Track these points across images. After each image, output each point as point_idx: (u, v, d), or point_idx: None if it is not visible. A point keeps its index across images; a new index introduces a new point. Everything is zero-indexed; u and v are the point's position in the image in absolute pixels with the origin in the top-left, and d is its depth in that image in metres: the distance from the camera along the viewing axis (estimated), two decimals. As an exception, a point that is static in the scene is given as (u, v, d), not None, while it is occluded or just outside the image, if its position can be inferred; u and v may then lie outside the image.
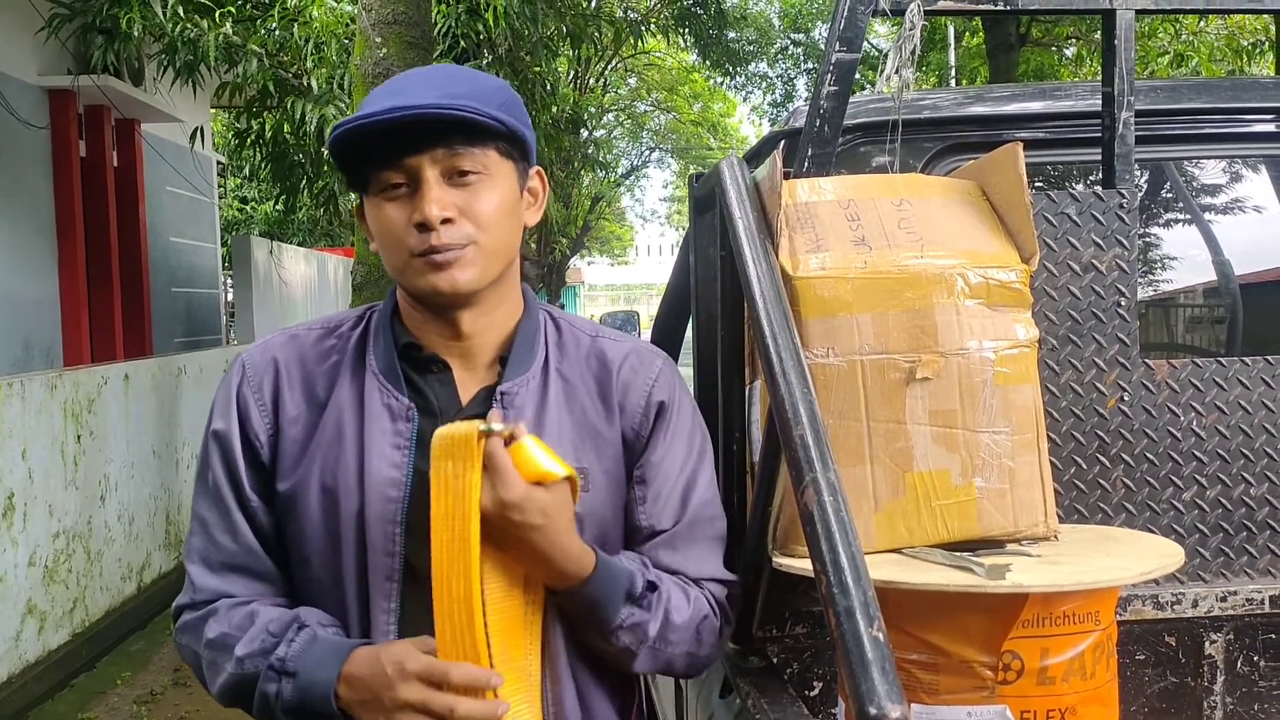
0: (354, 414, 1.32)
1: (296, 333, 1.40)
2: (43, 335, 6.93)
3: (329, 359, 1.37)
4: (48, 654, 5.07)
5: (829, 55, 1.59)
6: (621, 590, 1.29)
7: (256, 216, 17.58)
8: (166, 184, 8.93)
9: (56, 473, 5.23)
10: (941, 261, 1.43)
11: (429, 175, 1.26)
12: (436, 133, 1.25)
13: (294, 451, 1.33)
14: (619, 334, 1.45)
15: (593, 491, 1.33)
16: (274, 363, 1.36)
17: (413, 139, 1.25)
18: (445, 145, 1.26)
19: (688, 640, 1.35)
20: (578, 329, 1.43)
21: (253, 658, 1.26)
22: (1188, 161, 2.24)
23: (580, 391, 1.37)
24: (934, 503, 1.41)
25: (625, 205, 36.29)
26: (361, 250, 4.49)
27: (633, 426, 1.37)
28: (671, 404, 1.39)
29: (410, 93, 1.26)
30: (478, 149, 1.28)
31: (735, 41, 18.94)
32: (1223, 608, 1.70)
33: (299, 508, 1.31)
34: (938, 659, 1.33)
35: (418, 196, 1.26)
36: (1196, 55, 9.70)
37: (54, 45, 6.85)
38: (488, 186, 1.29)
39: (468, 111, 1.24)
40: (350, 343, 1.38)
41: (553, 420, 1.34)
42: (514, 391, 1.33)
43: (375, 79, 4.38)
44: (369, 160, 1.28)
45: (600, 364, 1.39)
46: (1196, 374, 1.70)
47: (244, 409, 1.35)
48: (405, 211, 1.27)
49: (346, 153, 1.29)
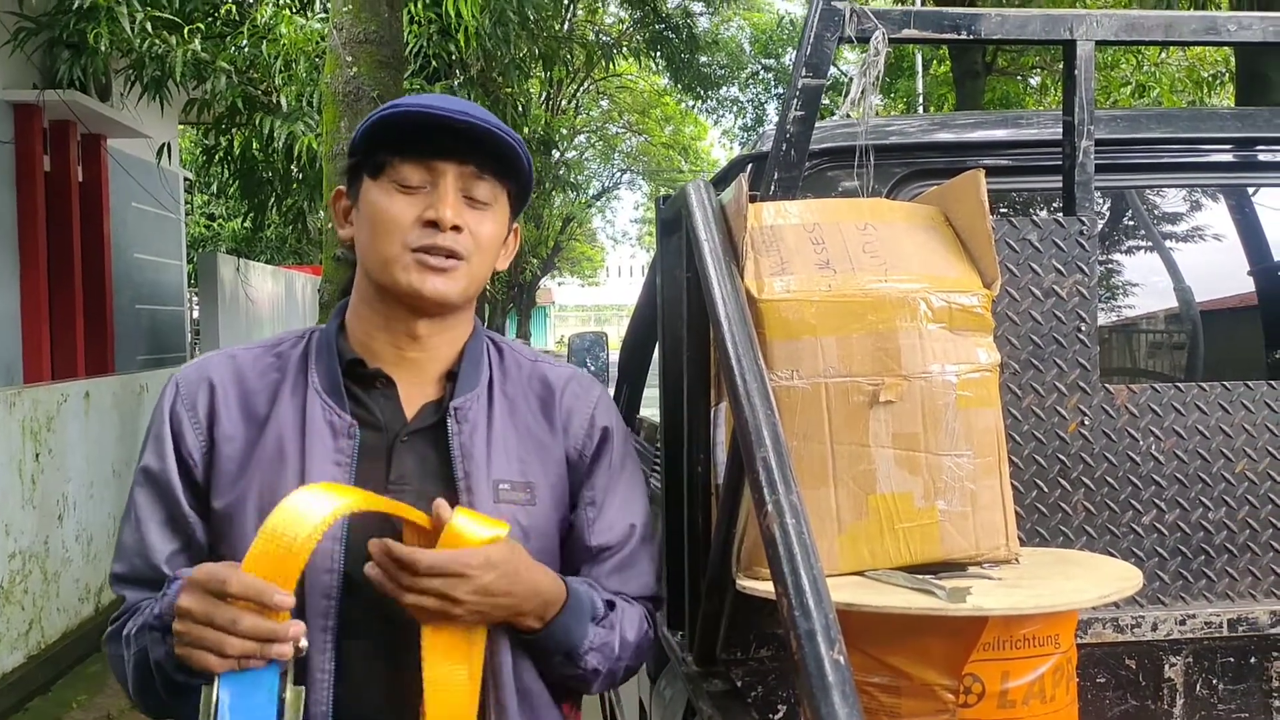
0: (295, 431, 1.31)
1: (234, 352, 1.40)
2: (2, 351, 6.83)
3: (268, 376, 1.37)
4: (2, 676, 4.97)
5: (795, 80, 1.60)
6: (587, 612, 1.33)
7: (224, 234, 17.45)
8: (132, 200, 8.84)
9: (14, 491, 5.14)
10: (905, 285, 1.44)
11: (451, 183, 1.31)
12: (473, 149, 1.31)
13: (230, 469, 1.32)
14: (557, 360, 1.52)
15: (539, 506, 1.37)
16: (208, 381, 1.36)
17: (452, 146, 1.30)
18: (475, 164, 1.32)
19: (633, 656, 1.40)
20: (518, 353, 1.48)
21: (140, 632, 1.26)
22: (1149, 190, 2.28)
23: (523, 410, 1.41)
24: (896, 525, 1.42)
25: (596, 226, 36.46)
26: (329, 268, 4.46)
27: (576, 448, 1.42)
28: (613, 430, 1.45)
29: (464, 108, 1.31)
30: (497, 183, 1.34)
31: (707, 66, 19.08)
32: (1182, 631, 1.72)
33: (234, 526, 1.29)
34: (899, 682, 1.33)
35: (434, 197, 1.30)
36: (1158, 86, 9.89)
37: (19, 59, 6.78)
38: (490, 218, 1.35)
39: (517, 146, 1.32)
40: (291, 360, 1.38)
41: (499, 434, 1.36)
42: (466, 406, 1.35)
43: (345, 97, 4.37)
44: (397, 150, 1.30)
45: (543, 386, 1.44)
46: (1155, 399, 1.72)
47: (177, 428, 1.34)
48: (415, 208, 1.30)
49: (380, 136, 1.31)
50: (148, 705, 1.31)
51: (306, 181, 7.35)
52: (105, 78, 7.64)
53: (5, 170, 6.92)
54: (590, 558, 1.41)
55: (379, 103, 4.31)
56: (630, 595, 1.42)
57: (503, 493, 1.33)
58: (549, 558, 1.36)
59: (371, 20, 4.39)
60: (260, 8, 6.98)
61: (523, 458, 1.37)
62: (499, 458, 1.34)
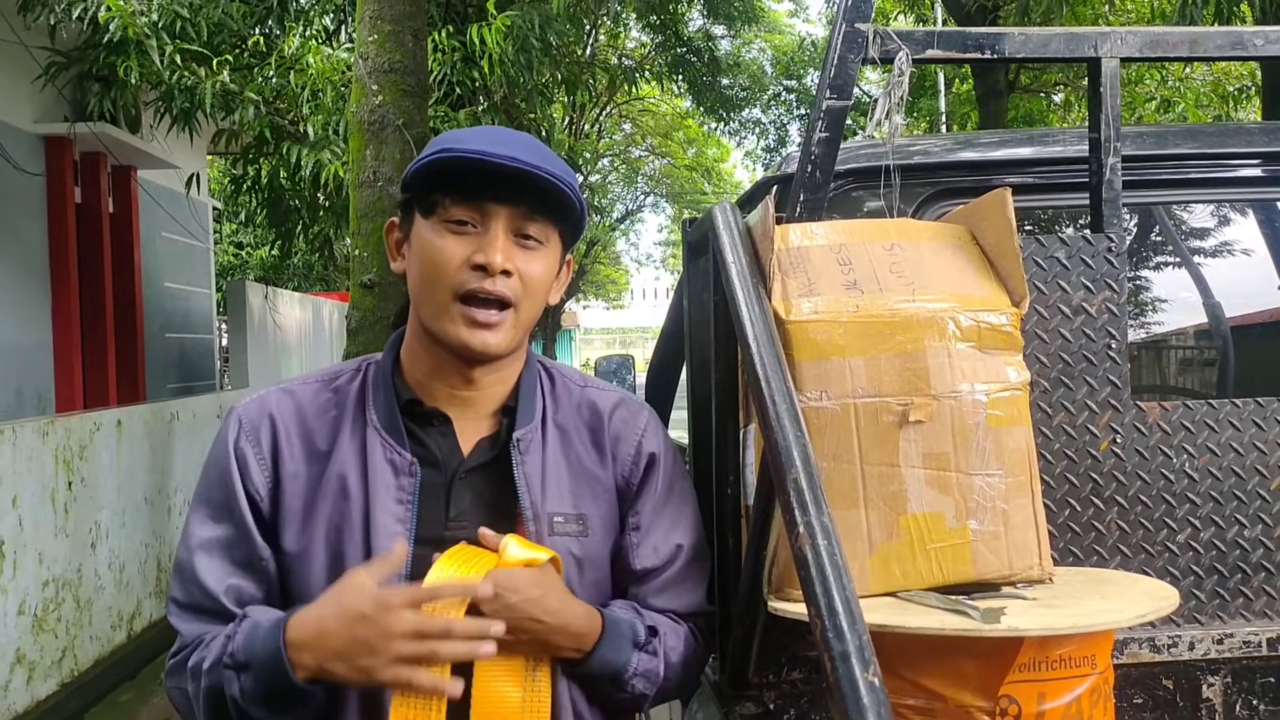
0: (357, 470, 1.32)
1: (291, 387, 1.41)
2: (36, 381, 6.92)
3: (328, 412, 1.37)
4: (36, 704, 5.00)
5: (820, 102, 1.61)
6: (628, 640, 1.34)
7: (252, 262, 17.62)
8: (162, 229, 8.96)
9: (47, 520, 5.19)
10: (933, 305, 1.44)
11: (502, 225, 1.30)
12: (526, 191, 1.29)
13: (296, 507, 1.33)
14: (605, 384, 1.52)
15: (591, 536, 1.38)
16: (270, 417, 1.37)
17: (505, 188, 1.29)
18: (528, 206, 1.31)
19: (681, 673, 1.42)
20: (568, 379, 1.48)
21: (213, 668, 1.25)
22: (1177, 206, 2.26)
23: (574, 440, 1.42)
24: (928, 545, 1.41)
25: (620, 249, 36.51)
26: (356, 295, 4.50)
27: (623, 474, 1.43)
28: (660, 454, 1.46)
29: (516, 146, 1.29)
30: (549, 223, 1.34)
31: (729, 88, 19.14)
32: (1219, 650, 1.70)
33: (304, 566, 1.31)
34: (934, 704, 1.32)
35: (484, 240, 1.29)
36: (1183, 101, 9.83)
37: (50, 93, 6.90)
38: (542, 257, 1.34)
39: (570, 190, 1.31)
40: (349, 396, 1.39)
41: (553, 467, 1.37)
42: (527, 439, 1.37)
43: (371, 126, 4.42)
44: (448, 189, 1.30)
45: (592, 413, 1.44)
46: (1188, 416, 1.71)
47: (243, 463, 1.34)
48: (465, 249, 1.29)
49: (432, 175, 1.30)
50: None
51: (333, 209, 7.42)
52: (135, 110, 7.77)
53: (37, 202, 7.04)
54: (636, 580, 1.42)
55: (404, 131, 4.35)
56: (679, 613, 1.44)
57: (557, 525, 1.34)
58: (603, 586, 1.39)
59: (396, 50, 4.44)
60: (287, 39, 7.07)
61: (575, 490, 1.38)
62: (553, 491, 1.36)
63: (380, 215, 4.34)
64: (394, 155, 4.38)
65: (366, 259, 4.41)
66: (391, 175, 4.36)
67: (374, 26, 4.45)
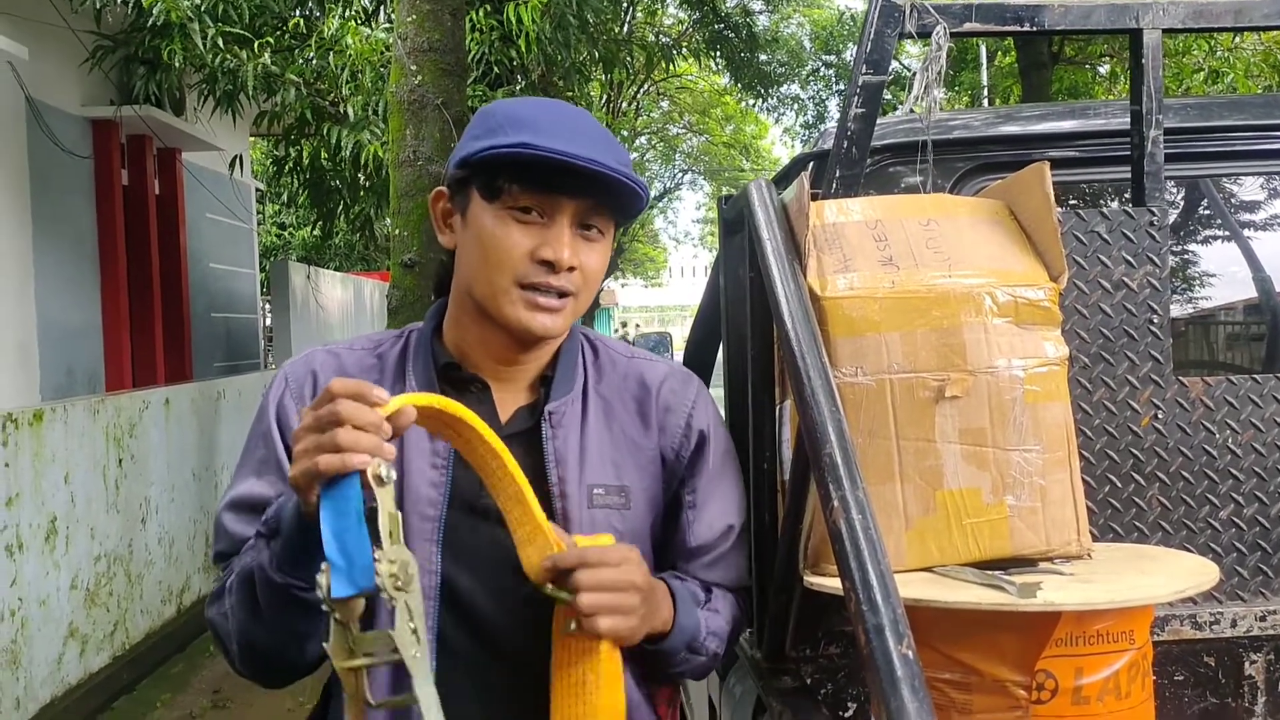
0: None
1: (336, 350, 1.43)
2: (86, 361, 7.06)
3: (369, 376, 1.39)
4: (89, 676, 5.14)
5: (856, 77, 1.60)
6: (693, 602, 1.36)
7: (294, 242, 17.81)
8: (206, 211, 9.08)
9: (98, 496, 5.31)
10: (969, 280, 1.44)
11: (569, 219, 1.29)
12: (592, 186, 1.28)
13: None
14: (653, 355, 1.50)
15: (633, 509, 1.38)
16: (313, 375, 1.39)
17: (573, 180, 1.27)
18: (594, 199, 1.30)
19: (732, 639, 1.45)
20: (614, 350, 1.48)
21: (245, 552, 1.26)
22: (1225, 178, 2.23)
23: (619, 410, 1.41)
24: (965, 521, 1.41)
25: (658, 227, 36.43)
26: (397, 274, 4.54)
27: (672, 447, 1.42)
28: (710, 429, 1.45)
29: (588, 139, 1.27)
30: (611, 216, 1.33)
31: (767, 64, 18.99)
32: (1262, 627, 1.68)
33: None
34: (970, 678, 1.32)
35: (550, 234, 1.28)
36: (1232, 72, 9.61)
37: (97, 76, 7.01)
38: (601, 248, 1.34)
39: (640, 189, 1.29)
40: (390, 361, 1.40)
41: (594, 438, 1.37)
42: (560, 411, 1.36)
43: (410, 105, 4.44)
44: (516, 177, 1.27)
45: (639, 385, 1.44)
46: (1231, 391, 1.69)
47: (284, 419, 1.37)
48: (531, 240, 1.28)
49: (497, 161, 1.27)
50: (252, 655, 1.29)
51: (373, 189, 7.48)
52: (179, 93, 7.87)
53: (86, 184, 7.16)
54: (687, 556, 1.43)
55: (443, 110, 4.37)
56: (727, 587, 1.46)
57: (597, 497, 1.34)
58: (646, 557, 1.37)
59: (435, 29, 4.46)
60: (327, 20, 7.11)
61: (617, 461, 1.37)
62: (593, 462, 1.35)
63: (420, 194, 4.37)
64: (433, 134, 4.40)
65: (407, 238, 4.45)
66: (431, 154, 4.38)
67: (412, 6, 4.46)
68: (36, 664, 4.69)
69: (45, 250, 6.55)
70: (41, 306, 6.48)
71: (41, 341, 6.46)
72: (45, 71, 6.55)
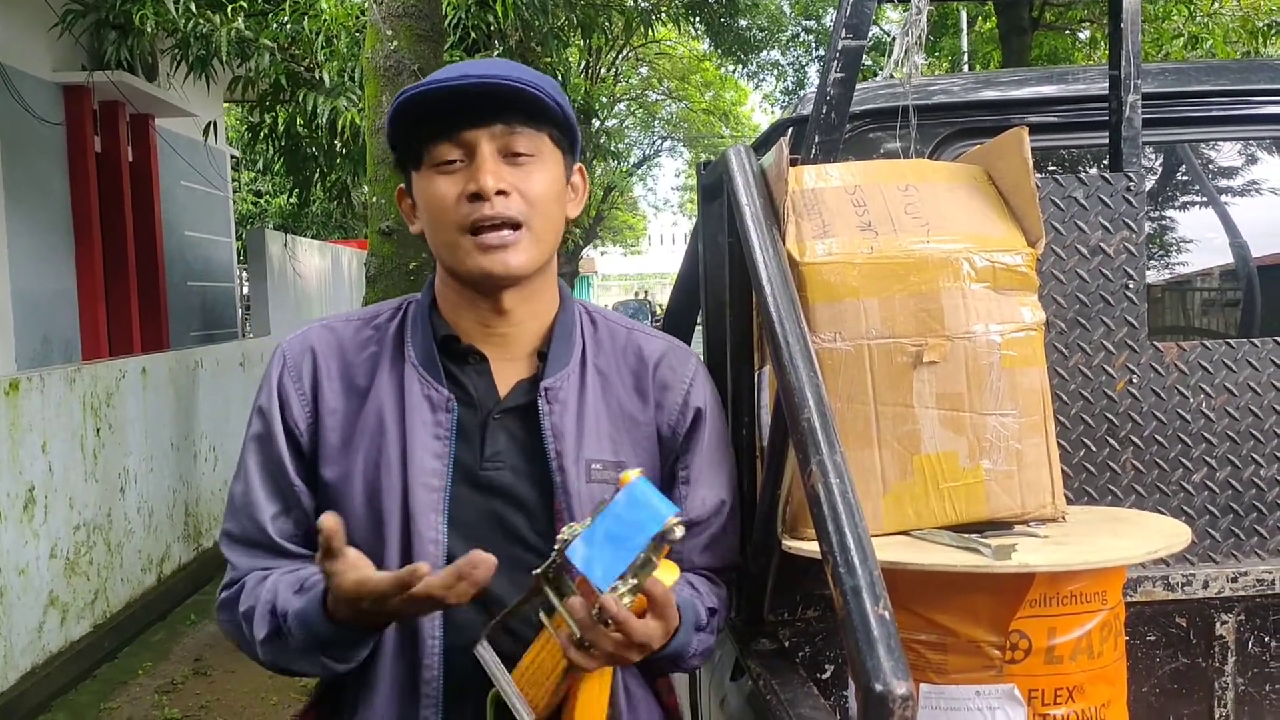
0: (394, 405, 1.34)
1: (333, 324, 1.42)
2: (61, 329, 6.99)
3: (367, 349, 1.39)
4: (70, 645, 5.13)
5: (835, 42, 1.60)
6: (692, 624, 1.33)
7: (270, 210, 17.64)
8: (181, 179, 8.98)
9: (76, 466, 5.28)
10: (947, 246, 1.44)
11: (485, 149, 1.29)
12: (496, 109, 1.28)
13: (334, 441, 1.35)
14: (653, 330, 1.50)
15: None
16: (311, 352, 1.39)
17: (473, 113, 1.28)
18: (504, 122, 1.29)
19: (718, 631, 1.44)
20: (612, 322, 1.47)
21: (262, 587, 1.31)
22: (1202, 144, 2.24)
23: (616, 385, 1.41)
24: (941, 485, 1.42)
25: (638, 195, 36.34)
26: (374, 243, 4.51)
27: (669, 423, 1.42)
28: (707, 407, 1.45)
29: (476, 69, 1.29)
30: (534, 131, 1.31)
31: (746, 29, 18.84)
32: (1233, 588, 1.71)
33: (342, 497, 1.33)
34: (946, 639, 1.34)
35: (473, 168, 1.28)
36: (1211, 37, 9.62)
37: (68, 41, 6.89)
38: (539, 168, 1.32)
39: (531, 88, 1.28)
40: (388, 334, 1.40)
41: (591, 412, 1.37)
42: (556, 386, 1.36)
43: (386, 71, 4.40)
44: (426, 134, 1.30)
45: (637, 358, 1.43)
46: (1206, 356, 1.70)
47: (284, 398, 1.37)
48: (458, 185, 1.29)
49: (405, 126, 1.31)
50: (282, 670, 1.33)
51: (350, 156, 7.41)
52: (152, 58, 7.74)
53: (57, 151, 7.05)
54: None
55: (419, 76, 4.33)
56: (718, 569, 1.46)
57: (595, 472, 1.34)
58: None
59: (411, -7, 4.40)
60: (301, -16, 7.01)
61: (614, 437, 1.37)
62: (590, 437, 1.35)
63: (397, 161, 4.33)
64: (410, 101, 4.36)
65: (384, 205, 4.42)
66: (408, 121, 4.34)
67: (388, -30, 4.41)
68: (16, 632, 4.68)
69: (18, 218, 6.46)
70: (15, 274, 6.40)
71: (16, 310, 6.39)
72: (14, 35, 6.44)
